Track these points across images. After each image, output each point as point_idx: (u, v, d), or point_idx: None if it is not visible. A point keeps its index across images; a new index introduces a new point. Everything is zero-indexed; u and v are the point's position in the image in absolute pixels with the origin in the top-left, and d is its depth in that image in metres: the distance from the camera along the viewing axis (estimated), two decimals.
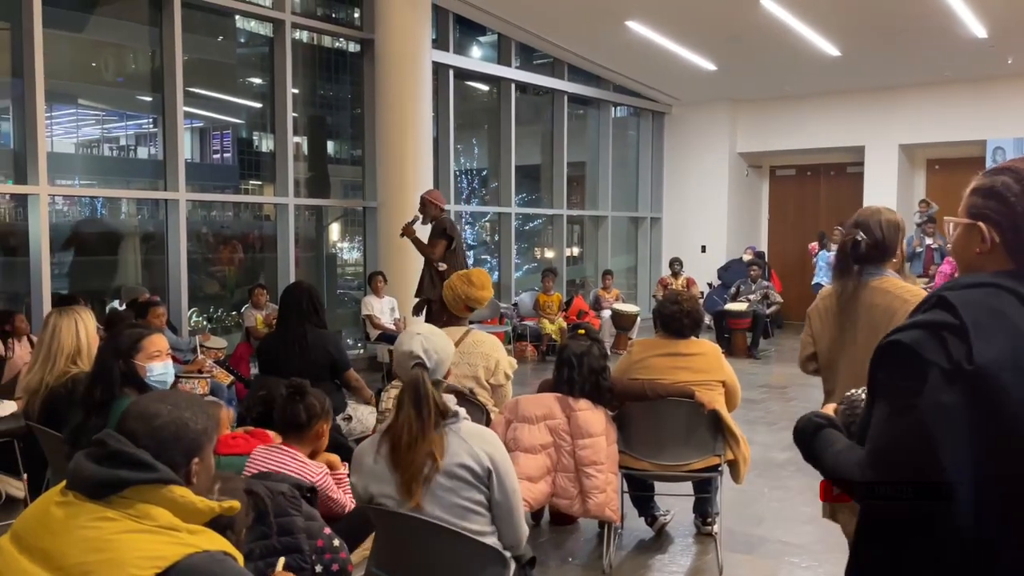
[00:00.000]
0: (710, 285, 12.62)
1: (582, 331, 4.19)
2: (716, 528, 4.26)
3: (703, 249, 13.70)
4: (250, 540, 2.22)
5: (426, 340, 2.45)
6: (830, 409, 1.78)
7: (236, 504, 1.80)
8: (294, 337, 4.49)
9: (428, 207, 6.80)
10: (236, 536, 2.05)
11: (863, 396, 1.67)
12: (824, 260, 11.32)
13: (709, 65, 11.50)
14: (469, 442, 2.38)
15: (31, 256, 6.84)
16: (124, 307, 7.20)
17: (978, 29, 9.50)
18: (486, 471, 2.37)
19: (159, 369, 3.19)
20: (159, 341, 3.24)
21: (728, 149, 13.77)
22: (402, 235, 6.82)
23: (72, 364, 3.58)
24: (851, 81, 12.10)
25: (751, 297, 10.81)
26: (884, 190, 12.61)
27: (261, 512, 2.35)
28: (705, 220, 13.80)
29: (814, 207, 13.86)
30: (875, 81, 12.09)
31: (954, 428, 1.36)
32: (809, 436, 1.66)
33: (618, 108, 13.65)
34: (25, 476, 4.66)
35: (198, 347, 6.50)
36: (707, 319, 10.92)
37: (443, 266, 6.54)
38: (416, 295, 6.86)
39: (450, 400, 2.46)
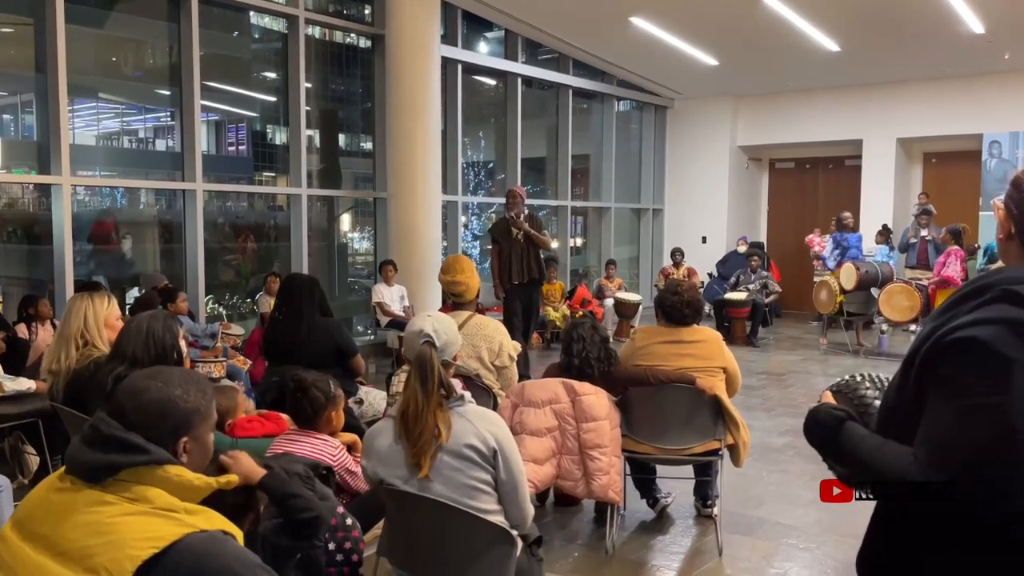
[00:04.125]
0: (710, 275, 12.84)
1: (580, 314, 4.45)
2: (716, 510, 4.34)
3: (704, 240, 13.92)
4: (264, 517, 2.26)
5: (436, 322, 2.55)
6: (829, 397, 1.73)
7: (234, 478, 1.83)
8: (295, 327, 4.51)
9: (519, 199, 7.64)
10: (255, 514, 2.12)
11: (864, 383, 1.68)
12: (885, 255, 11.17)
13: (711, 60, 11.68)
14: (475, 423, 2.45)
15: (55, 244, 6.99)
16: (143, 292, 7.40)
17: (976, 25, 9.67)
18: (491, 451, 2.43)
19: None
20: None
21: (729, 142, 13.96)
22: (519, 231, 7.57)
23: (91, 348, 3.62)
24: (850, 76, 12.27)
25: (750, 287, 11.03)
26: (881, 183, 12.84)
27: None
28: (706, 212, 14.01)
29: (812, 199, 14.06)
30: (874, 76, 12.26)
31: None
32: (831, 430, 1.59)
33: (621, 102, 13.81)
34: (60, 457, 4.88)
35: (219, 334, 6.73)
36: (707, 308, 11.16)
37: (543, 254, 7.70)
38: (515, 280, 7.57)
39: (456, 384, 2.54)
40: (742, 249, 12.59)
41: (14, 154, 8.01)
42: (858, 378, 1.71)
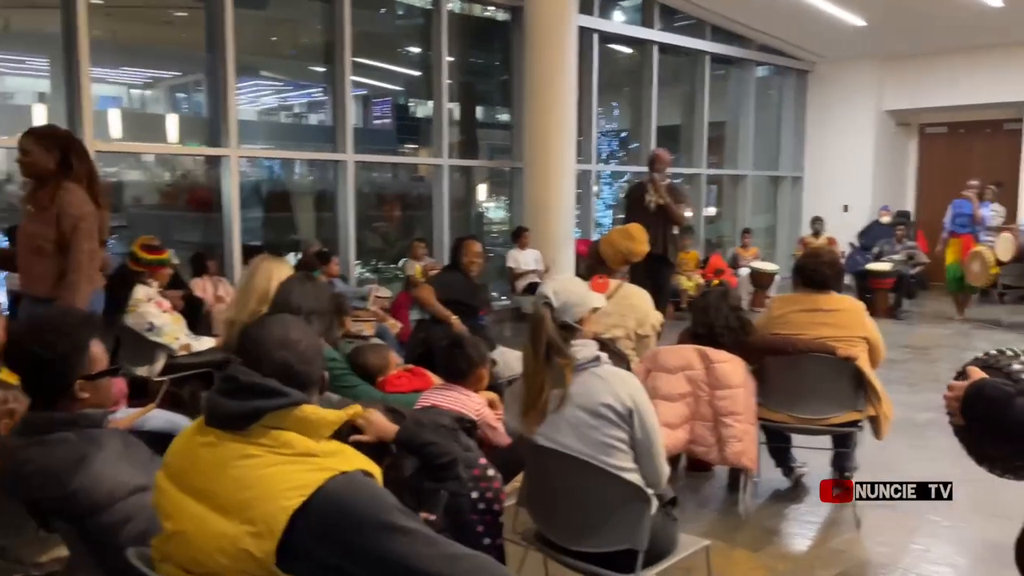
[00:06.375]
0: (852, 245, 12.42)
1: (717, 283, 4.49)
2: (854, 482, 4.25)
3: (845, 208, 13.42)
4: (411, 467, 2.42)
5: (559, 285, 2.62)
6: (978, 372, 1.72)
7: (358, 408, 1.93)
8: (436, 280, 5.61)
9: (664, 163, 7.28)
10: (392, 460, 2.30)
11: (1010, 355, 1.68)
12: None
13: (857, 21, 11.20)
14: (611, 383, 2.50)
15: (224, 212, 7.60)
16: (302, 256, 7.97)
17: None
18: (627, 410, 2.47)
19: None
20: None
21: (874, 107, 13.35)
22: (654, 199, 7.08)
23: (261, 306, 3.76)
24: (1012, 33, 11.45)
25: (895, 257, 10.65)
26: None
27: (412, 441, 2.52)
28: (848, 179, 13.48)
29: (966, 166, 13.25)
30: None
31: None
32: (1001, 404, 1.62)
33: (760, 67, 13.44)
34: None
35: (369, 296, 7.18)
36: (848, 279, 10.84)
37: (676, 229, 7.13)
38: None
39: (591, 345, 2.59)
40: (885, 219, 12.13)
41: (188, 129, 8.69)
42: (1009, 353, 1.70)
